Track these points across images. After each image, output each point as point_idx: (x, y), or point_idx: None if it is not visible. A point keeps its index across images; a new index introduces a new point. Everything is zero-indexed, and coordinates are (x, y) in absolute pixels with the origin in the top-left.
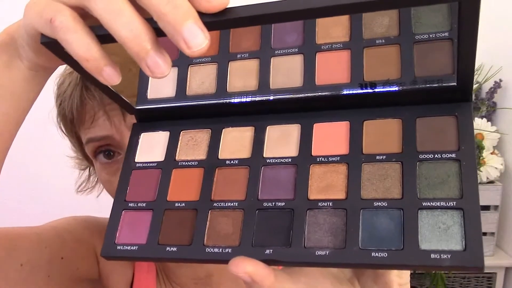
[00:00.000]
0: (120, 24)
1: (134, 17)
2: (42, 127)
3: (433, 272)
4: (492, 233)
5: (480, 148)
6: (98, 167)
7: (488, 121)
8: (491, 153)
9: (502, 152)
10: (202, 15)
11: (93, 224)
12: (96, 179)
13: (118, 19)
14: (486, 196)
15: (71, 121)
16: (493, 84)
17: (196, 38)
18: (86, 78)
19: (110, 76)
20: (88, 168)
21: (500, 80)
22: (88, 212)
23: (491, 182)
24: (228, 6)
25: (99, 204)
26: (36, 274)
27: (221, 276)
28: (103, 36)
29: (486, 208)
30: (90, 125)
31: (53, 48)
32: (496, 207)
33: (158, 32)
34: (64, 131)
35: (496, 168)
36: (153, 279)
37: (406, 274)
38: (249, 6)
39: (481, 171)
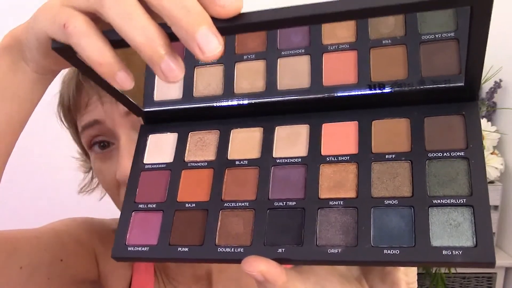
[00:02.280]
0: (133, 29)
1: (147, 22)
2: (45, 126)
3: (433, 272)
4: (492, 233)
5: None
6: (93, 159)
7: (488, 121)
8: (491, 153)
9: (502, 152)
10: (215, 20)
11: (92, 225)
12: (97, 182)
13: (131, 24)
14: None
15: (68, 108)
16: (493, 84)
17: (210, 44)
18: (97, 83)
19: (123, 81)
20: (91, 171)
21: (500, 80)
22: (89, 214)
23: (491, 182)
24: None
25: (100, 205)
26: (36, 277)
27: (220, 274)
28: (116, 41)
29: None
30: (84, 111)
31: (64, 53)
32: (496, 207)
33: (171, 36)
34: (64, 121)
35: (496, 168)
36: (151, 280)
37: (413, 273)
38: (262, 11)
39: None
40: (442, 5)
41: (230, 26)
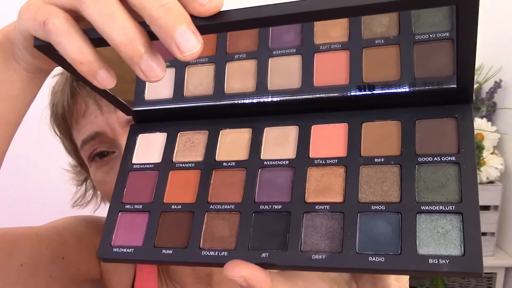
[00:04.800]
0: (113, 28)
1: (127, 20)
2: (48, 127)
3: None
4: (492, 233)
5: (480, 148)
6: (93, 170)
7: (488, 121)
8: (491, 153)
9: (502, 152)
10: (195, 18)
11: (94, 223)
12: (91, 194)
13: (110, 23)
14: (486, 196)
15: (63, 117)
16: (493, 84)
17: (189, 43)
18: (82, 81)
19: (104, 80)
20: (84, 183)
21: (500, 80)
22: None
23: (491, 182)
24: (221, 10)
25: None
26: (37, 275)
27: (221, 275)
28: (97, 40)
29: (486, 208)
30: (82, 122)
31: (46, 51)
32: (496, 207)
33: (151, 35)
34: (58, 132)
35: (496, 168)
36: (155, 279)
37: (404, 278)
38: (243, 9)
39: (481, 171)
40: (428, 4)
41: (210, 25)
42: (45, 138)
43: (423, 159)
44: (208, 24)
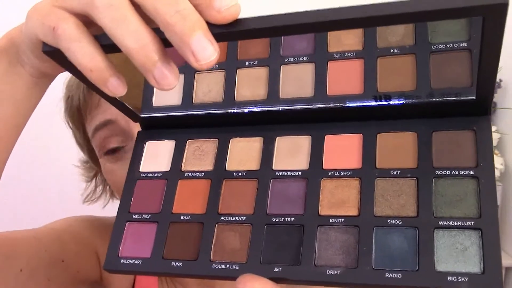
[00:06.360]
0: (125, 34)
1: (140, 26)
2: (51, 130)
3: None
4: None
5: None
6: (103, 161)
7: None
8: None
9: (502, 152)
10: (211, 26)
11: (94, 224)
12: (101, 190)
13: (123, 28)
14: None
15: (78, 109)
16: None
17: (205, 51)
18: (90, 87)
19: (115, 87)
20: (94, 179)
21: (500, 80)
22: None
23: None
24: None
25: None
26: (36, 279)
27: None
28: (108, 46)
29: None
30: (95, 112)
31: (55, 57)
32: None
33: (165, 42)
34: (71, 124)
35: (496, 168)
36: (155, 280)
37: None
38: (260, 17)
39: None
40: (452, 15)
41: (227, 33)
42: (49, 136)
43: (441, 172)
44: (224, 32)
